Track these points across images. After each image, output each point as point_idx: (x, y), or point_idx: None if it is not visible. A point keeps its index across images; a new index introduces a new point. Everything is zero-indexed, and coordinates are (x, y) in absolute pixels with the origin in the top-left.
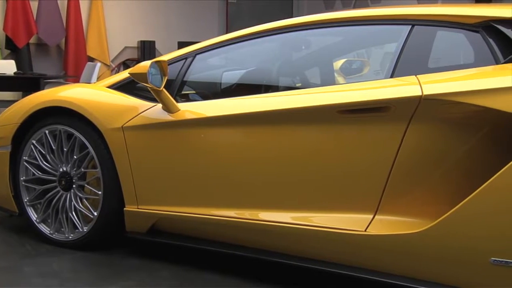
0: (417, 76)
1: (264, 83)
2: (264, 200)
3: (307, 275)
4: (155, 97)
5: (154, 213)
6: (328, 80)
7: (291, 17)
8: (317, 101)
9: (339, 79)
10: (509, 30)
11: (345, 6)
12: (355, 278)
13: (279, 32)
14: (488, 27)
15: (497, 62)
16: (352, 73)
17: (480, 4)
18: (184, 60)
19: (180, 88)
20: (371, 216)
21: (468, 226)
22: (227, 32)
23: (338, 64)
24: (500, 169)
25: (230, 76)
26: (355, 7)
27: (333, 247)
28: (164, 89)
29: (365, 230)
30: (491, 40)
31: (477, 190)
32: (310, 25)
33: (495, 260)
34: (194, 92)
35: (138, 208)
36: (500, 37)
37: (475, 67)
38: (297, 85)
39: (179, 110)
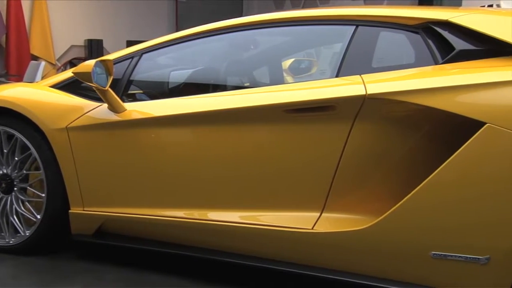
0: (361, 75)
1: (212, 82)
2: (212, 200)
3: (256, 274)
4: (101, 97)
5: (100, 214)
6: (276, 80)
7: (241, 17)
8: (264, 101)
9: (288, 78)
10: (446, 32)
11: (295, 6)
12: (304, 276)
13: (227, 32)
14: (427, 28)
15: (436, 62)
16: (300, 73)
17: (420, 7)
18: (130, 59)
19: (127, 88)
20: (318, 214)
21: (409, 222)
22: (177, 32)
23: (286, 63)
24: (439, 167)
25: (178, 76)
26: (304, 7)
27: (281, 246)
28: (109, 89)
29: (312, 228)
30: (430, 41)
31: (417, 187)
32: (258, 25)
33: (435, 253)
34: (141, 91)
35: (84, 210)
36: (438, 39)
37: (415, 67)
38: (245, 84)
39: (126, 110)
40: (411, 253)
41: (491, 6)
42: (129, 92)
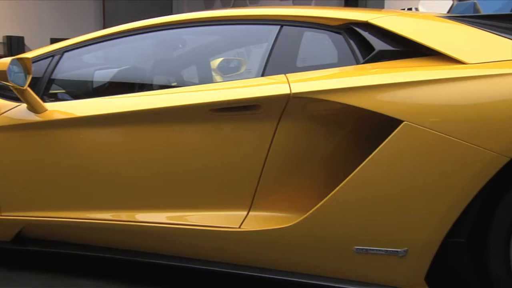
0: (286, 75)
1: (138, 82)
2: (139, 201)
3: (186, 275)
4: (19, 96)
5: (20, 219)
6: (204, 79)
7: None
8: (189, 100)
9: (217, 78)
10: (366, 33)
11: (225, 6)
12: (233, 275)
13: (154, 30)
14: (348, 29)
15: (357, 62)
16: (229, 72)
17: (342, 8)
18: (51, 58)
19: (48, 87)
20: (245, 213)
21: (333, 218)
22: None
23: (215, 63)
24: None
25: (102, 75)
26: (234, 7)
27: (210, 245)
28: (28, 88)
29: (240, 227)
30: (351, 42)
31: (340, 185)
32: (185, 24)
33: (358, 248)
34: (63, 91)
35: (1, 216)
36: (359, 39)
37: (338, 66)
38: (173, 84)
39: (47, 110)
40: (335, 248)
41: (410, 9)
42: (50, 91)
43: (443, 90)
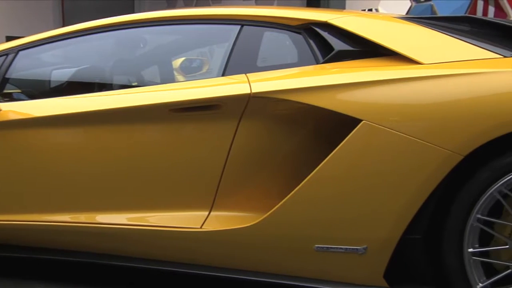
0: (247, 74)
1: (97, 81)
2: (99, 202)
3: (149, 276)
4: None
5: None
6: (165, 79)
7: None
8: (149, 100)
9: (179, 77)
10: (326, 33)
11: (187, 5)
12: (195, 276)
13: (115, 29)
14: (308, 29)
15: (317, 62)
16: (191, 72)
17: (302, 8)
18: (5, 57)
19: (1, 87)
20: (207, 213)
21: (294, 217)
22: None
23: (177, 62)
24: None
25: (60, 74)
26: (196, 6)
27: (171, 246)
28: None
29: (201, 227)
30: (311, 42)
31: (300, 184)
32: (146, 23)
33: (318, 246)
34: (19, 91)
35: None
36: (319, 39)
37: (298, 66)
38: (133, 83)
39: (1, 110)
40: (296, 247)
41: (370, 10)
42: (5, 91)
43: (400, 90)
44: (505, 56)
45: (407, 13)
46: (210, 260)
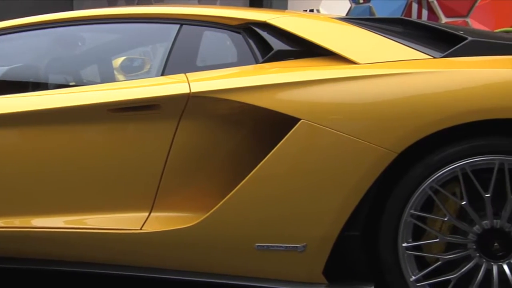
0: (186, 74)
1: (32, 80)
2: (35, 206)
3: (89, 280)
4: None
5: None
6: (105, 78)
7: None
8: (87, 100)
9: (119, 77)
10: (265, 32)
11: (129, 4)
12: (140, 278)
13: (51, 26)
14: (247, 29)
15: (256, 61)
16: (131, 71)
17: (241, 8)
18: None
19: None
20: (147, 214)
21: (235, 216)
22: None
23: (117, 62)
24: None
25: None
26: (138, 5)
27: (110, 249)
28: None
29: (141, 228)
30: (250, 41)
31: (240, 183)
32: (85, 20)
33: (259, 245)
34: None
35: None
36: (258, 39)
37: (238, 66)
38: (71, 83)
39: None
40: (237, 246)
41: (312, 10)
42: None
43: (336, 89)
44: (435, 57)
45: (347, 14)
46: (151, 262)
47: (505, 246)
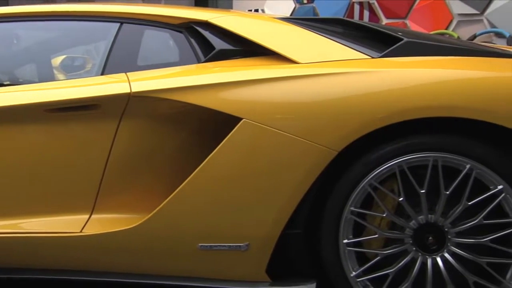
0: (127, 73)
1: None
2: None
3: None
4: None
5: None
6: (43, 77)
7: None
8: (23, 99)
9: (59, 76)
10: (207, 32)
11: (70, 1)
12: (79, 282)
13: None
14: (189, 28)
15: (198, 61)
16: (72, 70)
17: (183, 7)
18: None
19: None
20: (87, 216)
21: (177, 217)
22: None
23: (57, 60)
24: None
25: None
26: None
27: (49, 253)
28: None
29: (81, 231)
30: (192, 40)
31: (183, 183)
32: (20, 17)
33: (202, 245)
34: None
35: None
36: (200, 38)
37: (180, 65)
38: (5, 82)
39: None
40: (180, 247)
41: (256, 10)
42: None
43: (277, 88)
44: (373, 57)
45: (291, 14)
46: (92, 265)
47: (439, 240)
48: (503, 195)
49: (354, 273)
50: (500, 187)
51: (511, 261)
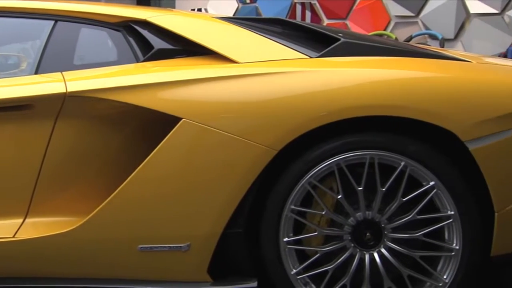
0: (62, 72)
1: None
2: None
3: None
4: None
5: None
6: None
7: None
8: None
9: None
10: (145, 31)
11: None
12: None
13: None
14: (127, 27)
15: (137, 60)
16: (4, 69)
17: (121, 5)
18: None
19: None
20: (21, 220)
21: (116, 218)
22: None
23: None
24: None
25: None
26: None
27: None
28: None
29: (14, 236)
30: (131, 40)
31: (122, 184)
32: None
33: (142, 247)
34: None
35: None
36: (138, 37)
37: (118, 64)
38: None
39: None
40: (120, 249)
41: (199, 10)
42: None
43: (217, 88)
44: (311, 57)
45: (234, 14)
46: (27, 271)
47: (376, 236)
48: (434, 190)
49: (294, 270)
50: (432, 183)
51: (441, 254)
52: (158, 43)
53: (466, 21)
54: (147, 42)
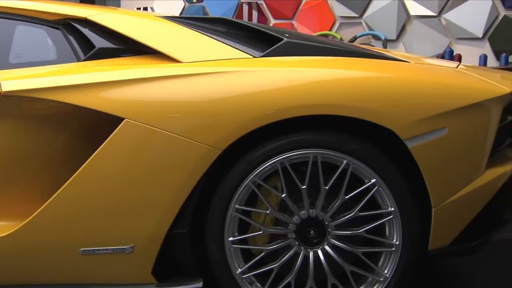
0: None
1: None
2: None
3: None
4: None
5: None
6: None
7: None
8: None
9: None
10: (86, 29)
11: None
12: None
13: None
14: (67, 25)
15: (78, 59)
16: None
17: (60, 2)
18: None
19: None
20: None
21: (56, 222)
22: None
23: None
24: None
25: None
26: None
27: None
28: None
29: None
30: (71, 38)
31: (62, 187)
32: None
33: (84, 250)
34: None
35: None
36: (79, 36)
37: (57, 63)
38: None
39: None
40: (60, 253)
41: (145, 9)
42: None
43: (160, 88)
44: (254, 57)
45: (180, 13)
46: None
47: (319, 233)
48: (376, 188)
49: (239, 270)
50: (373, 180)
51: (382, 250)
52: (99, 42)
53: (406, 22)
54: (88, 41)
